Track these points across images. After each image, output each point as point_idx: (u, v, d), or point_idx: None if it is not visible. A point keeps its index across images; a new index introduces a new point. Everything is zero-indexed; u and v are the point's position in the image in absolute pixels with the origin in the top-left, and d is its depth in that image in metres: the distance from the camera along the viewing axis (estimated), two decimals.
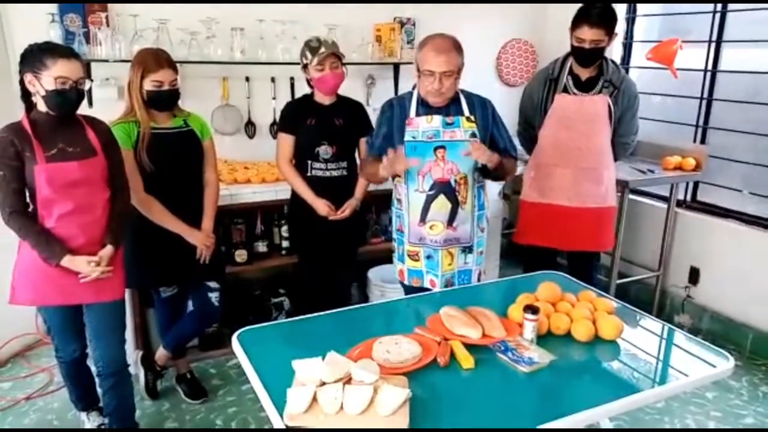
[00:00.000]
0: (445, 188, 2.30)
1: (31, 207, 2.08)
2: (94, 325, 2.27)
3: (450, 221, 2.34)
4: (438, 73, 2.18)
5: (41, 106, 2.04)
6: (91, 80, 2.16)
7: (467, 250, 2.41)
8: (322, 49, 2.57)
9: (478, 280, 2.48)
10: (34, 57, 1.97)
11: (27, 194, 2.07)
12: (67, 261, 2.07)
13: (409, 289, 2.51)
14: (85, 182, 2.09)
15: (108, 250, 2.16)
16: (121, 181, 2.26)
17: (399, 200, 2.44)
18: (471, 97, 2.37)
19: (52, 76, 1.95)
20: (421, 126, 2.29)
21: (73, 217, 2.08)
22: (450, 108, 2.31)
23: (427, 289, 2.42)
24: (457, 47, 2.23)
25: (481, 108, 2.36)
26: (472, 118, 2.32)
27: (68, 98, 2.01)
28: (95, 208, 2.14)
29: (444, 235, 2.35)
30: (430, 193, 2.31)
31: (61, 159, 2.04)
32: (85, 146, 2.11)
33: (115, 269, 2.19)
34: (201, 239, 2.54)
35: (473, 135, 2.30)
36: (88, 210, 2.12)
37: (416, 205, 2.35)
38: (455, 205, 2.32)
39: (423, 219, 2.35)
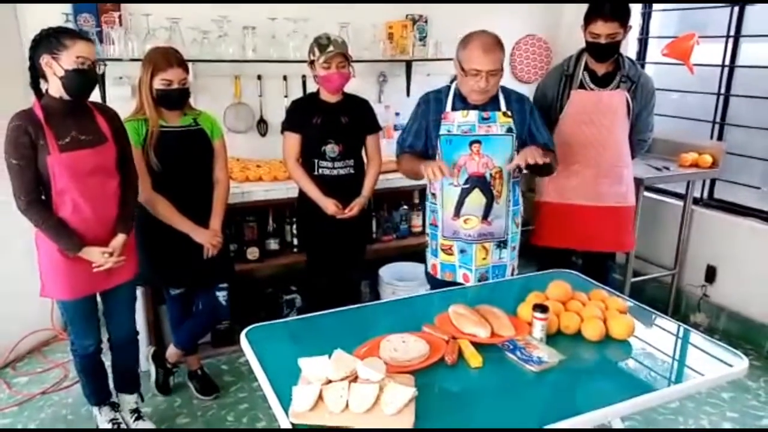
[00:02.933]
0: (480, 182, 2.29)
1: (44, 196, 2.10)
2: (111, 305, 2.37)
3: (485, 215, 2.33)
4: (485, 72, 2.16)
5: (54, 91, 2.05)
6: (105, 64, 2.17)
7: (502, 245, 2.40)
8: (331, 48, 2.56)
9: (512, 274, 2.47)
10: (52, 39, 2.00)
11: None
12: (84, 252, 2.12)
13: (437, 285, 2.48)
14: (99, 170, 2.13)
15: (120, 239, 2.22)
16: (131, 167, 2.30)
17: (434, 194, 2.43)
18: (508, 93, 2.35)
19: (72, 55, 1.99)
20: (456, 120, 2.29)
21: (86, 205, 2.11)
22: (487, 103, 2.29)
23: (459, 284, 2.39)
24: (500, 45, 2.22)
25: (518, 103, 2.34)
26: (509, 113, 2.31)
27: (87, 77, 2.06)
28: (107, 195, 2.19)
29: (479, 229, 2.34)
30: (465, 186, 2.30)
31: (74, 148, 2.07)
32: (97, 133, 2.14)
33: (128, 251, 2.28)
34: (208, 238, 2.54)
35: (509, 130, 2.30)
36: (101, 198, 2.16)
37: (450, 199, 2.34)
38: (490, 199, 2.31)
39: (457, 213, 2.34)
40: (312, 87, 3.31)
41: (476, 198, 2.30)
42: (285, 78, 3.53)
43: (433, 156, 2.34)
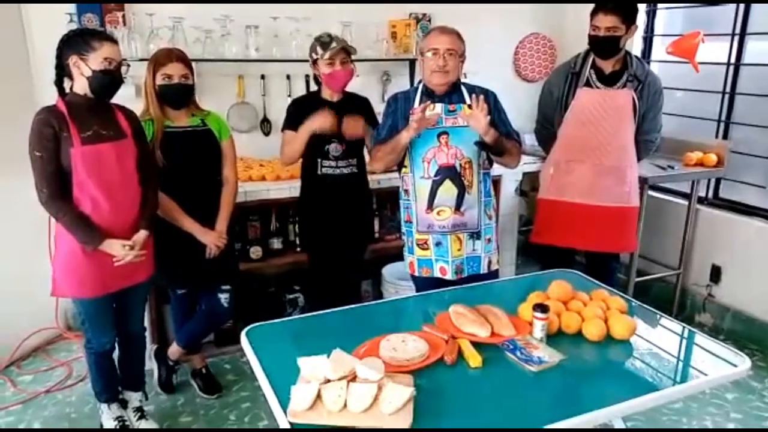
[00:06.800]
0: (450, 173, 2.33)
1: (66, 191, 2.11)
2: (125, 303, 2.38)
3: (457, 206, 2.36)
4: (442, 49, 2.26)
5: (79, 89, 2.10)
6: (128, 65, 2.21)
7: (475, 236, 2.42)
8: (333, 44, 2.56)
9: (489, 267, 2.46)
10: (80, 40, 2.06)
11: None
12: (105, 245, 2.14)
13: (419, 282, 2.50)
14: (119, 165, 2.16)
15: (142, 234, 2.24)
16: (151, 167, 2.33)
17: (406, 191, 2.46)
18: (473, 88, 2.41)
19: (100, 57, 2.05)
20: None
21: (107, 201, 2.13)
22: (452, 97, 2.37)
23: (438, 280, 2.40)
24: (459, 36, 2.33)
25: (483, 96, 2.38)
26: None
27: (113, 78, 2.11)
28: (128, 192, 2.21)
29: (452, 220, 2.36)
30: (436, 178, 2.34)
31: (96, 141, 2.10)
32: (117, 129, 2.19)
33: (147, 251, 2.29)
34: (213, 239, 2.55)
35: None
36: (121, 194, 2.18)
37: (423, 192, 2.37)
38: (462, 189, 2.35)
39: (430, 205, 2.37)
40: (315, 86, 3.32)
41: (448, 188, 2.34)
42: (288, 77, 3.53)
43: (404, 153, 2.38)
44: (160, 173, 2.42)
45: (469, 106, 2.30)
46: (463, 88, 2.39)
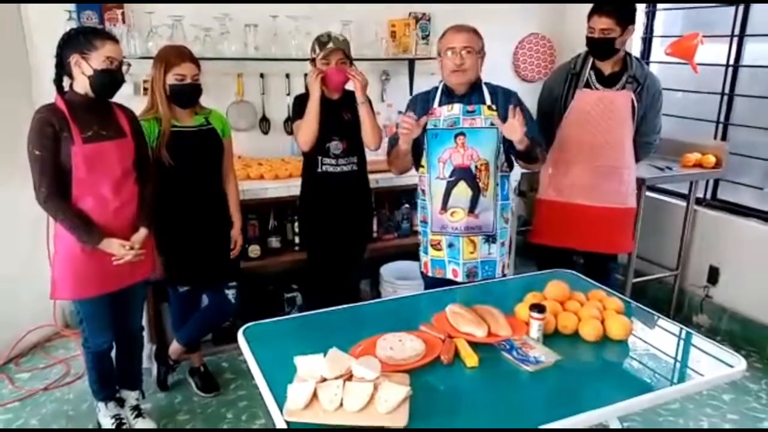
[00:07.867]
0: (465, 174, 2.32)
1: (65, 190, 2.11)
2: (123, 302, 2.37)
3: (471, 208, 2.34)
4: (459, 48, 2.25)
5: (80, 88, 2.09)
6: (129, 64, 2.20)
7: (490, 239, 2.39)
8: (330, 44, 2.56)
9: (503, 272, 2.45)
10: (82, 39, 2.05)
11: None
12: (104, 243, 2.13)
13: (430, 282, 2.49)
14: (119, 164, 2.16)
15: (142, 233, 2.24)
16: (149, 165, 2.33)
17: (423, 191, 2.45)
18: (495, 89, 2.38)
19: (102, 56, 2.04)
20: (442, 114, 2.33)
21: (107, 199, 2.14)
22: (472, 97, 2.34)
23: (449, 282, 2.39)
24: (476, 32, 2.32)
25: (504, 99, 2.35)
26: (494, 107, 2.33)
27: (115, 78, 2.10)
28: (127, 190, 2.21)
29: (465, 222, 2.34)
30: (451, 179, 2.33)
31: (96, 140, 2.10)
32: (117, 129, 2.19)
33: (146, 248, 2.29)
34: (236, 234, 2.66)
35: (494, 123, 2.30)
36: (121, 192, 2.18)
37: (438, 193, 2.36)
38: (476, 191, 2.33)
39: (444, 206, 2.35)
40: None
41: (462, 190, 2.32)
42: (287, 76, 3.53)
43: (422, 153, 2.38)
44: (164, 172, 2.41)
45: (489, 107, 2.31)
46: (485, 88, 2.36)
